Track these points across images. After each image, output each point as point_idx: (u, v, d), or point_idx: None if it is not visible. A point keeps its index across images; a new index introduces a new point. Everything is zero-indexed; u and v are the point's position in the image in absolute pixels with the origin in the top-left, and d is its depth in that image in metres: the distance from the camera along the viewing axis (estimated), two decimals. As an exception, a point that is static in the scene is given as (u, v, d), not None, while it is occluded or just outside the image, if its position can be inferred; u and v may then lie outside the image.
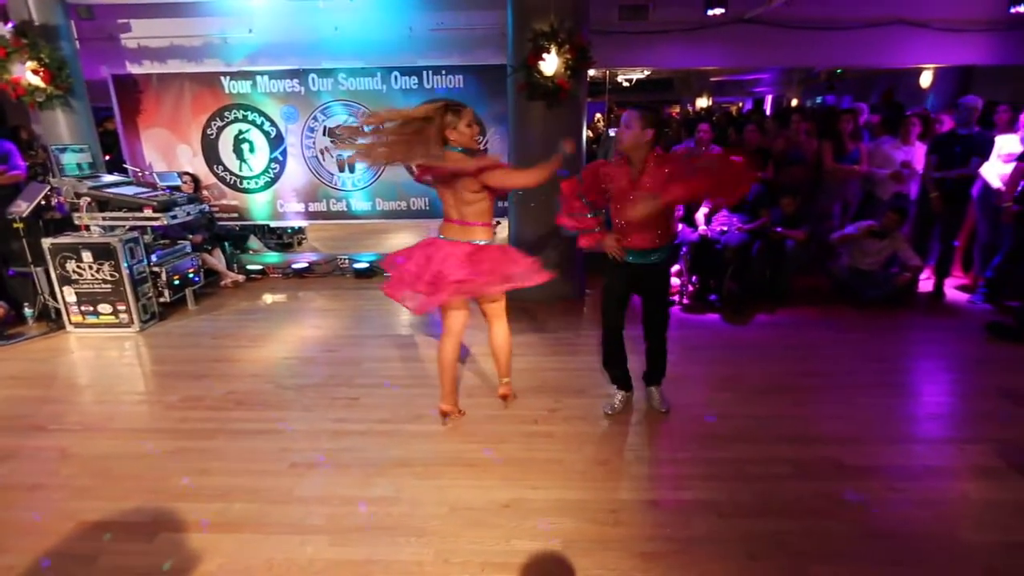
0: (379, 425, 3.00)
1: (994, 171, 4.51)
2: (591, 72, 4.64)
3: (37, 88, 4.70)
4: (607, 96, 11.40)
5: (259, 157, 5.77)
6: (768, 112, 9.88)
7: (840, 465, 2.62)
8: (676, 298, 4.71)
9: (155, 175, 5.58)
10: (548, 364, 3.71)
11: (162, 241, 4.88)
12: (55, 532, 2.26)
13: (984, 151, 4.52)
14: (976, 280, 4.86)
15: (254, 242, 6.17)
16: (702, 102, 12.48)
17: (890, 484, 2.49)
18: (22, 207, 4.36)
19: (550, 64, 4.23)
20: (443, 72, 5.43)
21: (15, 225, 4.35)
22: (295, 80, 5.53)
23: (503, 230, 5.26)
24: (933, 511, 2.33)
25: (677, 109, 13.03)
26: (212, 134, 5.71)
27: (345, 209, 5.84)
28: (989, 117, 4.92)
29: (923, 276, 4.89)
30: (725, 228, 4.64)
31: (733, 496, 2.41)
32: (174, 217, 4.48)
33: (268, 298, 5.33)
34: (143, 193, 4.56)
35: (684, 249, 4.74)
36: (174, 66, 5.71)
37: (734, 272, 4.52)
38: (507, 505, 2.38)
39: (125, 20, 5.64)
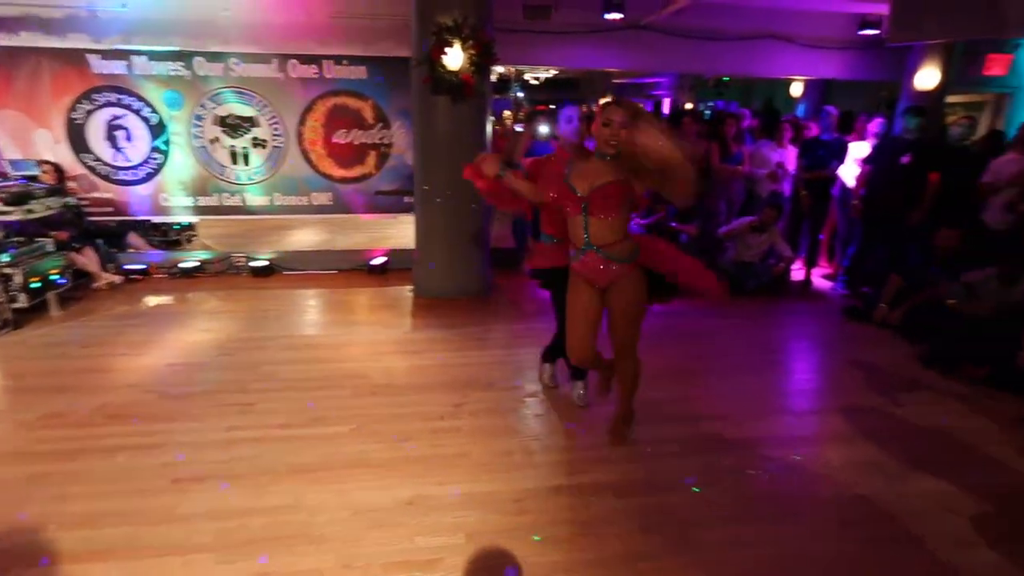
0: (275, 431, 2.85)
1: (850, 173, 5.11)
2: (499, 69, 4.67)
3: None
4: (514, 94, 11.56)
5: (137, 146, 5.24)
6: (665, 114, 10.48)
7: (722, 439, 2.86)
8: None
9: (5, 163, 4.91)
10: (456, 360, 3.70)
11: (15, 239, 4.29)
12: None
13: (842, 155, 5.11)
14: (837, 269, 5.49)
15: (134, 240, 5.60)
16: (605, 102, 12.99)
17: (764, 453, 2.75)
18: None
19: (454, 59, 4.22)
20: (344, 62, 5.23)
21: None
22: (179, 63, 5.08)
23: (408, 227, 5.18)
24: (800, 474, 2.62)
25: (584, 108, 13.47)
26: (79, 119, 5.11)
27: (240, 204, 5.47)
28: (848, 124, 5.57)
29: (795, 266, 5.44)
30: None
31: (627, 476, 2.55)
32: (30, 211, 3.96)
33: (151, 300, 4.86)
34: (-10, 184, 4.00)
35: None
36: (28, 39, 5.03)
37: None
38: (411, 503, 2.36)
39: (-36, -17, 4.89)
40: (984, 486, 2.53)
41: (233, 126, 5.30)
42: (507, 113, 11.80)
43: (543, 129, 5.62)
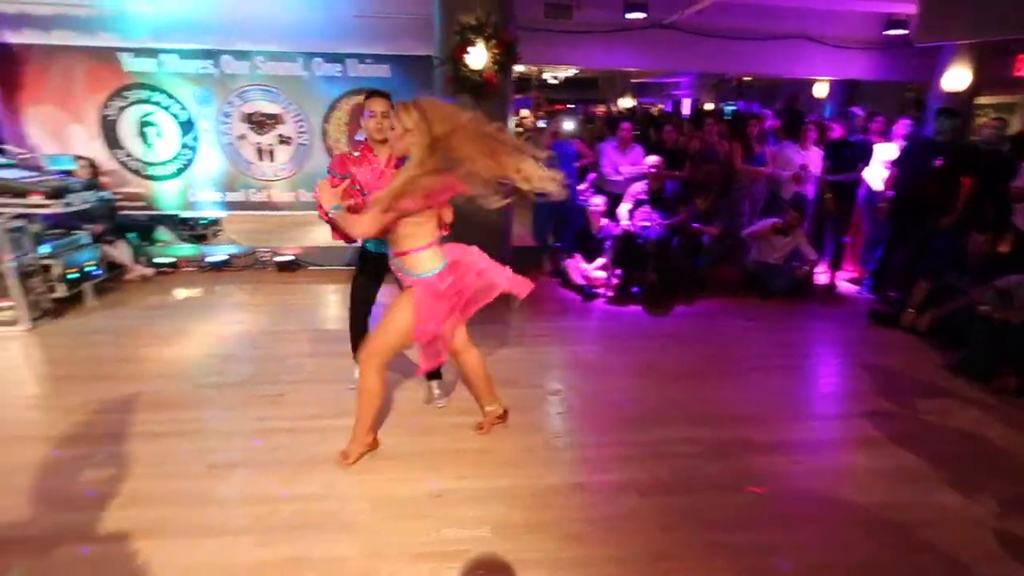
0: (305, 422, 2.92)
1: (876, 175, 5.05)
2: (519, 68, 4.70)
3: None
4: (536, 92, 11.57)
5: (167, 142, 5.37)
6: (686, 114, 10.43)
7: (747, 442, 2.86)
8: (601, 291, 4.90)
9: (43, 158, 5.06)
10: (478, 356, 3.74)
11: (54, 231, 4.43)
12: (-69, 553, 2.03)
13: (868, 157, 5.05)
14: (863, 273, 5.43)
15: (164, 233, 5.73)
16: (625, 102, 12.95)
17: (791, 457, 2.75)
18: None
19: (477, 58, 4.25)
20: (368, 60, 5.30)
21: None
22: (208, 61, 5.19)
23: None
24: (827, 480, 2.61)
25: (602, 108, 13.44)
26: (112, 115, 5.25)
27: (266, 200, 5.57)
28: (867, 126, 5.51)
29: (820, 269, 5.39)
30: (647, 223, 4.88)
31: (651, 475, 2.58)
32: (68, 205, 4.09)
33: (181, 293, 4.99)
34: (29, 177, 4.13)
35: (608, 243, 4.93)
36: (61, 37, 5.17)
37: (655, 265, 4.77)
38: (436, 496, 2.41)
39: (3, -17, 5.04)
40: (1012, 497, 2.51)
41: (259, 123, 5.40)
42: (525, 112, 11.82)
43: (566, 127, 5.65)
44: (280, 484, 2.44)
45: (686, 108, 11.29)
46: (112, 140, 5.30)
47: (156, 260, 5.41)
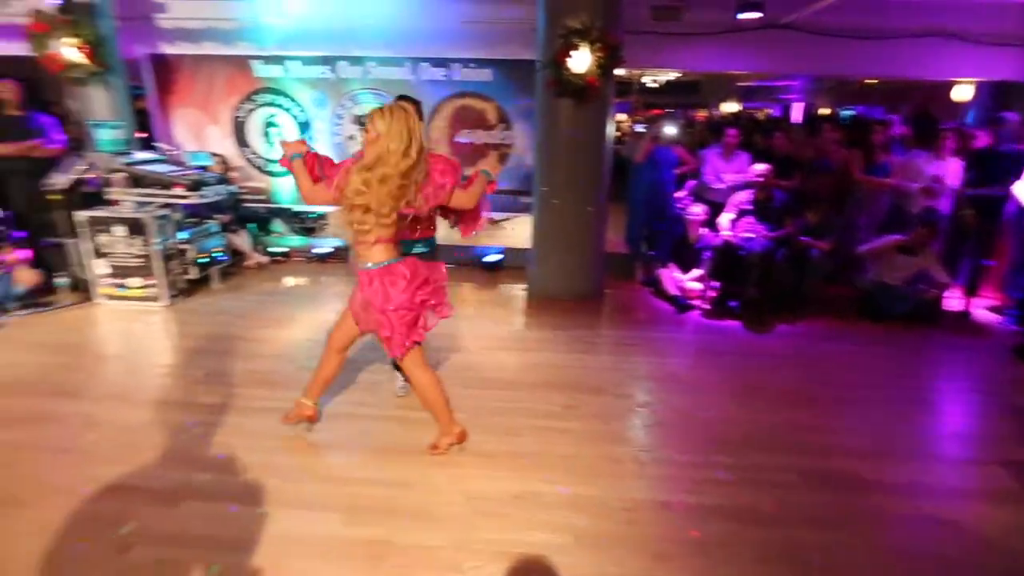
0: (397, 411, 3.04)
1: (1025, 190, 4.41)
2: (618, 72, 4.61)
3: (76, 64, 4.79)
4: (635, 97, 11.33)
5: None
6: (796, 119, 9.74)
7: (857, 478, 2.60)
8: (697, 303, 4.69)
9: (186, 154, 5.68)
10: (566, 361, 3.71)
11: (191, 219, 4.96)
12: (79, 494, 2.33)
13: (1020, 169, 4.42)
14: (1007, 301, 4.76)
15: (278, 225, 6.24)
16: (729, 107, 12.35)
17: (907, 501, 2.46)
18: (60, 180, 4.47)
19: (580, 62, 4.22)
20: (472, 65, 5.44)
21: (51, 197, 4.46)
22: (326, 66, 5.59)
23: (523, 226, 5.27)
24: (947, 532, 2.31)
25: (704, 113, 12.91)
26: (242, 117, 5.79)
27: (369, 197, 5.88)
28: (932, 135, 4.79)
29: (951, 294, 4.80)
30: (751, 234, 4.60)
31: (747, 503, 2.41)
32: (204, 196, 4.56)
33: (290, 280, 5.40)
34: (174, 171, 4.65)
35: (707, 254, 4.71)
36: (208, 48, 5.78)
37: (757, 279, 4.48)
38: (520, 497, 2.40)
39: (162, 1, 5.72)
40: None
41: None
42: (622, 116, 11.61)
43: (668, 132, 5.48)
44: (370, 469, 2.56)
45: (796, 113, 10.55)
46: (241, 139, 5.86)
47: (271, 249, 5.91)
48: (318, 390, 2.73)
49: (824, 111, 10.16)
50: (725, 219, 4.85)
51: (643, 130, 6.49)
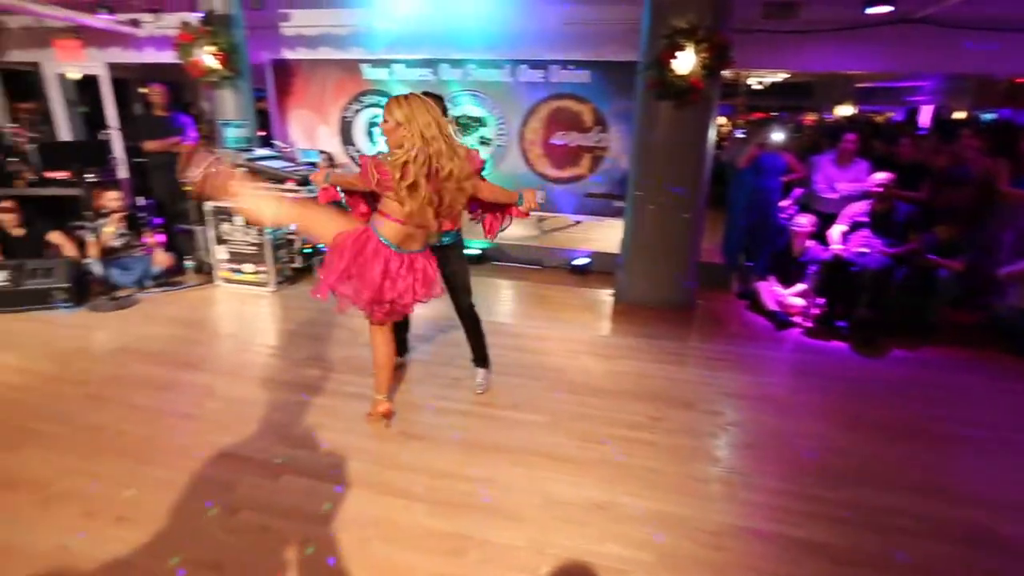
0: (479, 408, 3.09)
1: None
2: (723, 73, 4.39)
3: (214, 70, 5.32)
4: (741, 99, 10.77)
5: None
6: (924, 124, 8.78)
7: (987, 532, 2.29)
8: (798, 319, 4.36)
9: (297, 151, 6.13)
10: (653, 371, 3.59)
11: (299, 212, 5.35)
12: (199, 458, 2.57)
13: None
14: None
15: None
16: (844, 110, 11.38)
17: (1052, 564, 2.14)
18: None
19: (685, 62, 4.07)
20: (570, 67, 5.42)
21: (186, 188, 4.98)
22: (428, 69, 5.80)
23: (612, 230, 5.18)
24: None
25: (813, 117, 12.01)
26: (349, 117, 6.15)
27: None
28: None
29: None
30: (865, 249, 4.21)
31: (850, 543, 2.20)
32: (311, 191, 4.89)
33: (384, 274, 5.65)
34: (287, 167, 5.02)
35: (813, 268, 4.37)
36: (323, 53, 6.20)
37: (871, 299, 4.09)
38: (601, 507, 2.35)
39: (286, 10, 6.21)
40: None
41: (465, 125, 5.87)
42: (722, 120, 11.08)
43: (775, 137, 5.14)
44: (453, 463, 2.61)
45: (924, 117, 9.52)
46: (347, 138, 6.22)
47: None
48: (384, 384, 2.84)
49: (959, 115, 9.08)
50: (836, 231, 4.47)
51: (743, 136, 6.14)
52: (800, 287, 4.45)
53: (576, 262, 5.69)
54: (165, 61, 6.29)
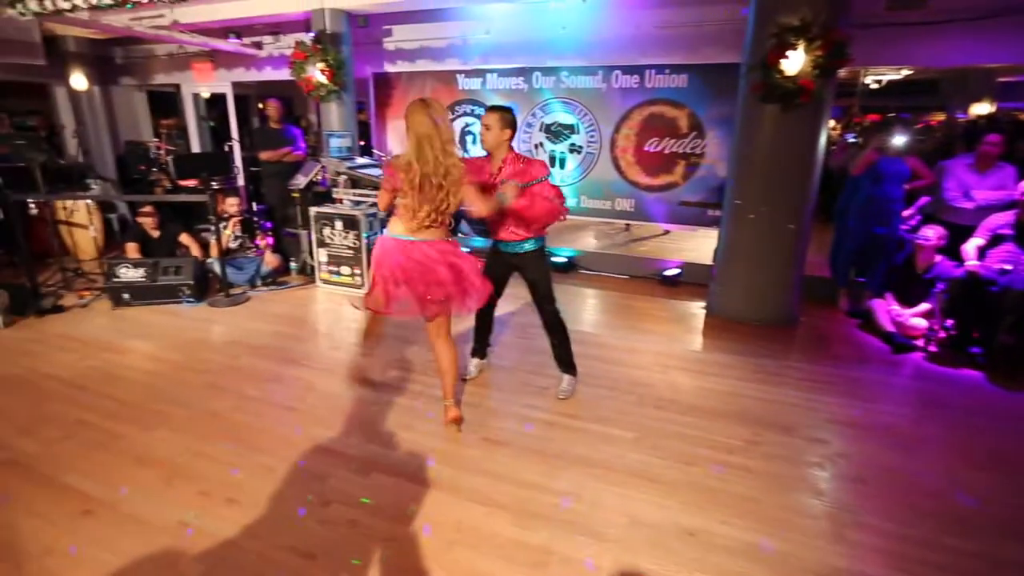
0: (565, 419, 3.04)
1: None
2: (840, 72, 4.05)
3: (323, 84, 5.71)
4: (855, 99, 9.93)
5: (479, 149, 6.24)
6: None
7: None
8: (921, 343, 3.92)
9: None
10: (748, 391, 3.37)
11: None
12: (299, 448, 2.74)
13: None
14: None
15: (464, 226, 6.73)
16: (980, 108, 10.10)
17: None
18: (301, 181, 5.37)
19: (794, 62, 3.80)
20: (666, 71, 5.25)
21: (293, 195, 5.38)
22: (520, 78, 5.86)
23: (705, 240, 4.93)
24: None
25: (941, 117, 10.78)
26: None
27: (549, 203, 6.03)
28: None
29: None
30: (1009, 267, 3.70)
31: (991, 604, 1.92)
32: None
33: (471, 279, 5.75)
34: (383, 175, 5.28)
35: (941, 286, 3.91)
36: (421, 65, 6.46)
37: (1014, 323, 3.59)
38: (691, 533, 2.22)
39: (389, 26, 6.54)
40: None
41: (556, 133, 5.87)
42: (832, 123, 10.25)
43: (897, 141, 4.67)
44: (538, 473, 2.58)
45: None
46: (440, 147, 6.42)
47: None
48: (449, 389, 2.87)
49: None
50: (972, 246, 3.97)
51: (855, 140, 5.61)
52: (924, 307, 4.00)
53: (666, 272, 5.49)
54: (280, 78, 6.87)
